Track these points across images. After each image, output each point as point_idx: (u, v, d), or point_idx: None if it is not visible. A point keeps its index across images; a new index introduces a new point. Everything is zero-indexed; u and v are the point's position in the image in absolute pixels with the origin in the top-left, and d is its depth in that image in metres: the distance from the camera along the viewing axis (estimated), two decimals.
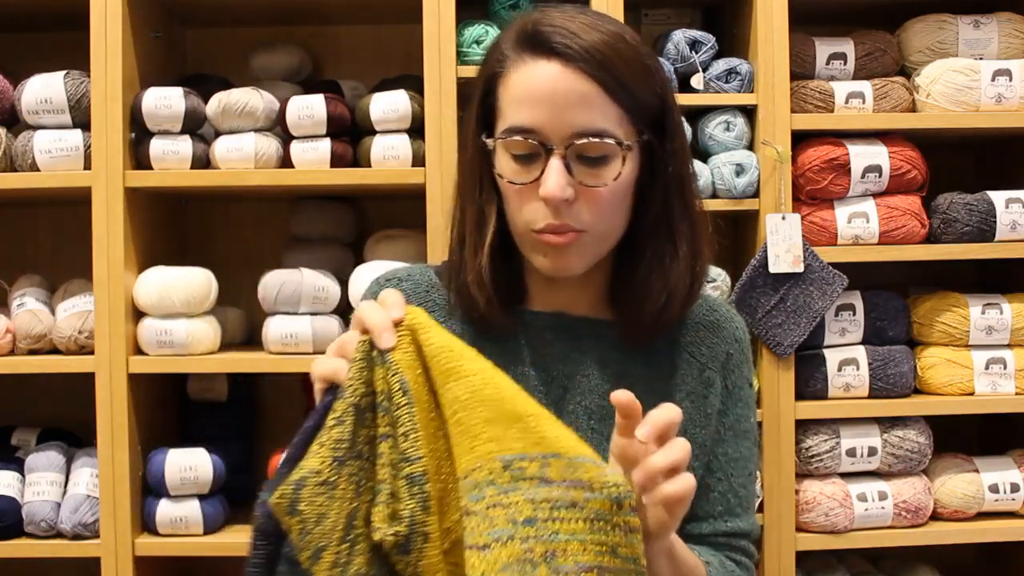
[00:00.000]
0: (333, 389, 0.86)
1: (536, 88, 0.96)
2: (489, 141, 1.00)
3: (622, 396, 0.84)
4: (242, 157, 1.83)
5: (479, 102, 1.03)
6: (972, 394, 1.90)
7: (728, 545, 1.08)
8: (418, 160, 1.85)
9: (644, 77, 0.99)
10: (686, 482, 0.82)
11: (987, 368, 1.90)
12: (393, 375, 0.83)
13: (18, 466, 1.89)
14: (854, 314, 1.91)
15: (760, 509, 1.85)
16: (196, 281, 1.84)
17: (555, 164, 0.95)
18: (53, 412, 2.07)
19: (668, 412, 0.83)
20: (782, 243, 1.84)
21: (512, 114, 0.97)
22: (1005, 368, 1.90)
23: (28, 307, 1.88)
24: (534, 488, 0.80)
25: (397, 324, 0.86)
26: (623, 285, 1.06)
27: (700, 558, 1.00)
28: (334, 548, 0.82)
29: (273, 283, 1.87)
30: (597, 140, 0.95)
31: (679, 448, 0.82)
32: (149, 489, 1.86)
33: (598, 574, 0.78)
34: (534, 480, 0.80)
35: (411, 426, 0.83)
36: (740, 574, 1.07)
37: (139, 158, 1.85)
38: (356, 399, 0.83)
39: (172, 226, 2.10)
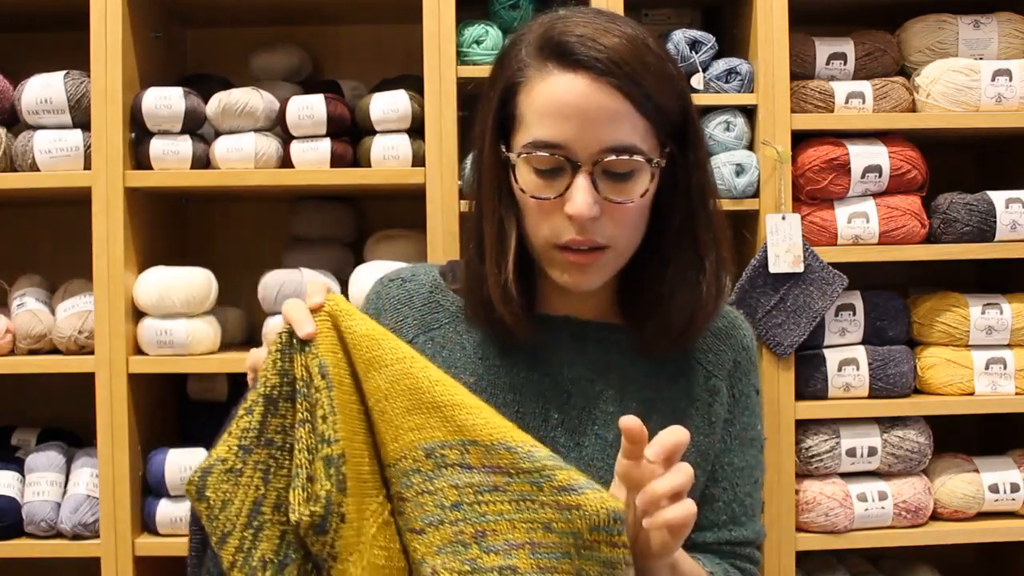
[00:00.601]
0: None
1: (563, 102, 0.93)
2: (512, 155, 0.97)
3: (630, 422, 0.83)
4: (242, 157, 1.83)
5: (496, 110, 1.00)
6: (972, 394, 1.90)
7: (733, 553, 1.08)
8: (418, 160, 1.85)
9: (669, 86, 0.97)
10: (686, 508, 0.82)
11: (987, 368, 1.90)
12: (312, 359, 0.86)
13: (18, 466, 1.89)
14: (854, 314, 1.91)
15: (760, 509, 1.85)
16: (196, 281, 1.84)
17: (582, 182, 0.94)
18: (53, 412, 2.07)
19: (677, 434, 0.83)
20: (782, 243, 1.84)
21: (537, 128, 0.95)
22: (1005, 368, 1.90)
23: (28, 307, 1.88)
24: (457, 474, 0.84)
25: (316, 310, 0.88)
26: (645, 296, 1.04)
27: (704, 569, 1.00)
28: (238, 533, 0.85)
29: (273, 283, 1.87)
30: (626, 157, 0.93)
31: (682, 473, 0.83)
32: (149, 489, 1.86)
33: (530, 549, 0.82)
34: (456, 467, 0.84)
35: (329, 409, 0.85)
36: None
37: (139, 158, 1.85)
38: (267, 390, 0.86)
39: (172, 226, 2.10)
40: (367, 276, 1.84)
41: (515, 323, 1.01)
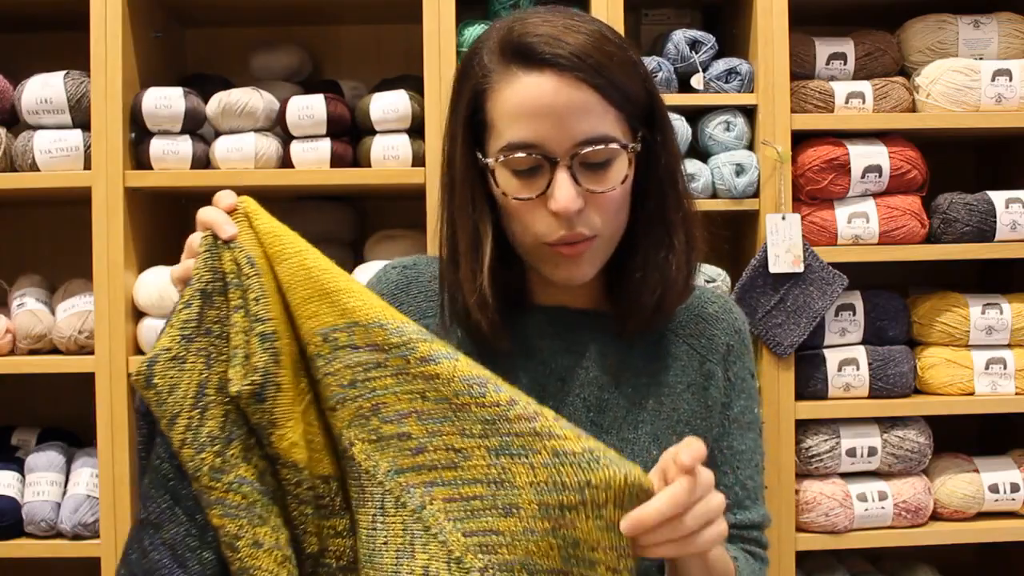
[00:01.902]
0: None
1: (533, 102, 0.94)
2: (489, 161, 0.98)
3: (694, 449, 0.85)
4: (242, 157, 1.83)
5: (466, 119, 1.01)
6: (972, 394, 1.90)
7: (741, 537, 1.08)
8: (418, 160, 1.85)
9: (632, 73, 0.98)
10: (719, 531, 0.84)
11: (987, 368, 1.90)
12: (239, 252, 0.93)
13: (18, 466, 1.89)
14: (854, 314, 1.91)
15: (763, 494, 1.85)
16: None
17: (562, 177, 0.95)
18: (53, 412, 2.07)
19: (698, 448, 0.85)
20: (782, 243, 1.84)
21: (510, 131, 0.96)
22: (1005, 368, 1.90)
23: (28, 307, 1.88)
24: (348, 355, 0.92)
25: (231, 211, 0.95)
26: (620, 278, 1.06)
27: (728, 554, 1.01)
28: (186, 414, 0.91)
29: None
30: (602, 147, 0.95)
31: (716, 502, 0.84)
32: None
33: (416, 417, 0.90)
34: (346, 348, 0.92)
35: (260, 292, 0.92)
36: (759, 567, 1.07)
37: (139, 158, 1.85)
38: (201, 285, 0.93)
39: (172, 226, 2.10)
40: (367, 276, 1.83)
41: (491, 329, 1.02)
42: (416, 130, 1.86)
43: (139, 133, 1.85)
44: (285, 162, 1.88)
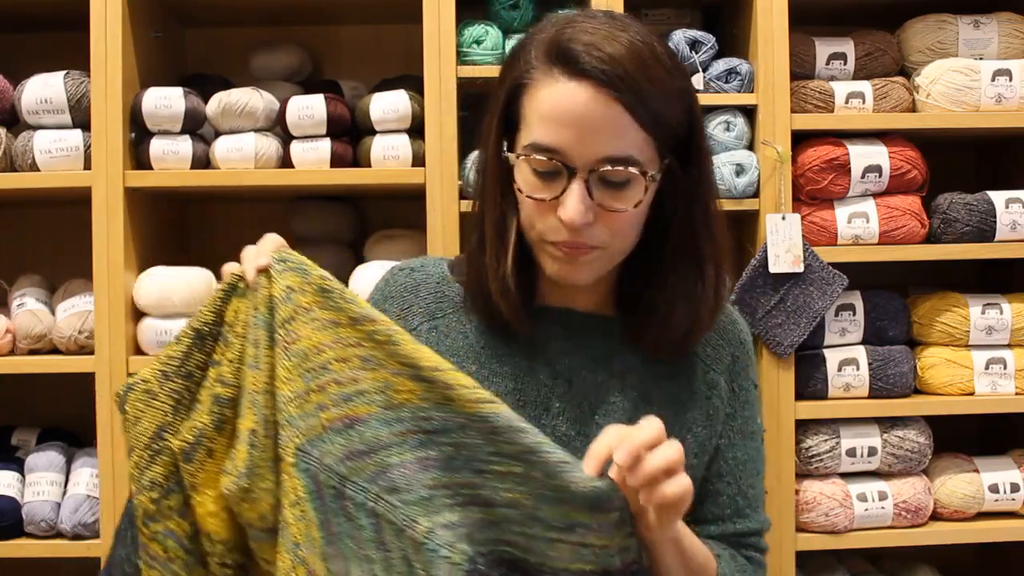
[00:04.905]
0: None
1: (564, 110, 0.94)
2: (511, 156, 0.99)
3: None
4: (242, 157, 1.83)
5: (502, 108, 1.01)
6: (972, 394, 1.90)
7: (739, 544, 1.09)
8: (418, 160, 1.85)
9: (674, 99, 0.97)
10: (682, 484, 0.83)
11: (987, 368, 1.90)
12: (245, 305, 0.90)
13: (18, 466, 1.89)
14: (854, 314, 1.91)
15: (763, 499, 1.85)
16: (196, 281, 1.84)
17: (576, 189, 0.95)
18: (53, 412, 2.06)
19: (644, 432, 0.83)
20: (782, 243, 1.84)
21: (537, 130, 0.96)
22: (1005, 368, 1.90)
23: (28, 307, 1.88)
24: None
25: (263, 270, 0.94)
26: (644, 298, 1.06)
27: (712, 551, 1.02)
28: (139, 452, 0.91)
29: None
30: (621, 168, 0.94)
31: (673, 449, 0.83)
32: None
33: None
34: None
35: (235, 355, 0.89)
36: (751, 568, 1.08)
37: (139, 158, 1.85)
38: (199, 324, 0.91)
39: (172, 226, 2.10)
40: (367, 276, 1.84)
41: (512, 315, 1.03)
42: (416, 130, 1.86)
43: (139, 133, 1.85)
44: (285, 162, 1.88)
